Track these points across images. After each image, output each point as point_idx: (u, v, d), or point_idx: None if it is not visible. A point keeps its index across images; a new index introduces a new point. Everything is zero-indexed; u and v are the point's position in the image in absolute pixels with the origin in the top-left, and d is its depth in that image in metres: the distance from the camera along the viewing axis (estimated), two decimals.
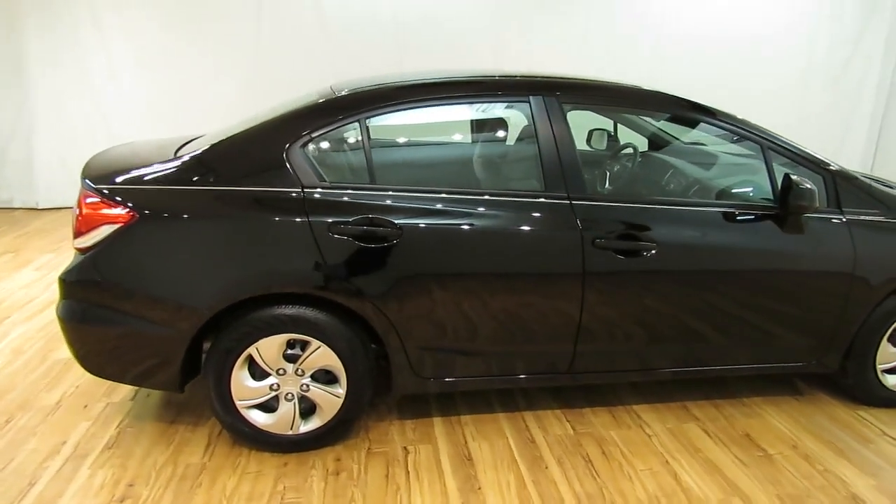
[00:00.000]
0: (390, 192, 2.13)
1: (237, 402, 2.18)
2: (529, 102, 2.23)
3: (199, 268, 2.04)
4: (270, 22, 5.83)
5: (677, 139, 3.10)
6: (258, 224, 2.05)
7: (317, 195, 2.08)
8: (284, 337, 2.13)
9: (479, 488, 2.13)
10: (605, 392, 2.71)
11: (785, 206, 2.25)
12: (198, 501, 2.04)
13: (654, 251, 2.22)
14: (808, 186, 2.16)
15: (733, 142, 2.50)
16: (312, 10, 5.88)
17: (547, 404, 2.64)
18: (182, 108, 5.87)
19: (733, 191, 2.58)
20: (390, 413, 2.55)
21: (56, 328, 3.21)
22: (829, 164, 2.40)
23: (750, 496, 2.12)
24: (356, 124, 2.17)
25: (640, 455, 2.33)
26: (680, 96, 2.37)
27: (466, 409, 2.59)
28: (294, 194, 2.07)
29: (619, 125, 3.10)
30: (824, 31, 6.71)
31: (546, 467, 2.25)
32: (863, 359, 2.55)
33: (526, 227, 2.18)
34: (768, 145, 2.35)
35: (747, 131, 2.36)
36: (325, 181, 2.12)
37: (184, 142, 2.52)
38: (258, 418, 2.22)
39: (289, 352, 2.17)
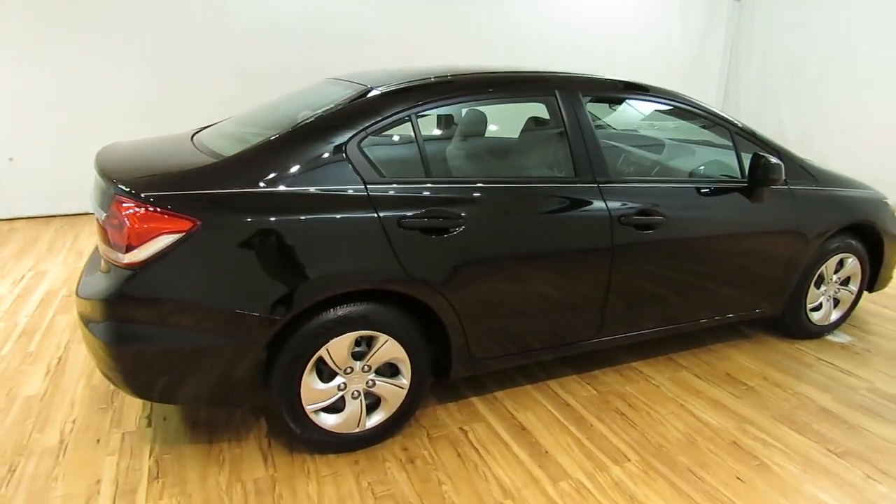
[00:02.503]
0: (447, 185, 2.22)
1: (307, 407, 2.13)
2: (556, 97, 2.44)
3: (270, 273, 1.95)
4: (167, 19, 5.34)
5: (605, 123, 3.47)
6: (330, 223, 2.01)
7: (380, 191, 2.10)
8: (354, 335, 2.12)
9: (546, 452, 2.32)
10: (605, 355, 3.03)
11: (754, 179, 2.72)
12: None
13: (662, 223, 2.56)
14: (777, 162, 2.64)
15: (706, 128, 2.93)
16: (214, 4, 5.49)
17: (563, 372, 2.89)
18: (63, 109, 5.19)
19: (700, 169, 3.02)
20: (430, 400, 2.63)
21: (2, 364, 2.81)
22: (777, 145, 2.93)
23: (753, 420, 2.56)
24: (407, 119, 2.21)
25: (659, 402, 2.68)
26: (670, 90, 2.73)
27: (496, 386, 2.75)
28: (360, 191, 2.07)
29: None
30: (678, 34, 7.80)
31: (591, 425, 2.50)
32: (797, 301, 3.15)
33: (565, 209, 2.39)
34: (735, 130, 2.80)
35: (719, 120, 2.79)
36: (385, 176, 2.14)
37: (191, 136, 2.37)
38: (327, 420, 2.19)
39: (355, 349, 2.17)
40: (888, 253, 3.32)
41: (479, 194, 2.24)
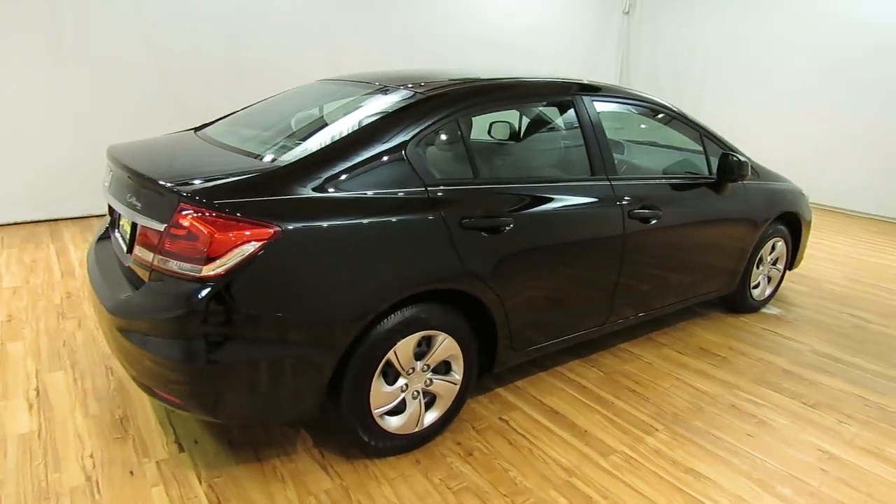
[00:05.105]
0: (496, 186, 2.31)
1: (374, 412, 2.12)
2: (574, 102, 2.63)
3: (349, 277, 1.92)
4: (79, 16, 4.78)
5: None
6: (402, 225, 2.03)
7: (440, 192, 2.15)
8: (419, 335, 2.15)
9: (586, 431, 2.50)
10: (596, 340, 3.29)
11: (723, 175, 3.11)
12: None
13: (659, 216, 2.85)
14: (745, 160, 3.05)
15: (677, 130, 3.27)
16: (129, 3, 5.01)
17: (566, 359, 3.10)
18: None
19: (673, 166, 3.38)
20: None
21: None
22: (732, 146, 3.36)
23: (738, 384, 2.95)
24: (454, 122, 2.27)
25: (657, 377, 2.98)
26: (658, 99, 3.03)
27: (515, 377, 2.89)
28: (422, 193, 2.10)
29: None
30: (574, 44, 8.42)
31: (612, 403, 2.73)
32: (744, 280, 3.64)
33: (588, 205, 2.58)
34: (704, 133, 3.18)
35: (692, 124, 3.15)
36: (438, 178, 2.18)
37: (199, 138, 2.26)
38: (391, 423, 2.19)
39: (416, 349, 2.20)
40: (804, 237, 3.94)
41: (521, 193, 2.37)
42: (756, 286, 3.78)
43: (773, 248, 3.76)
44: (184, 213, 1.78)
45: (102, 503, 1.96)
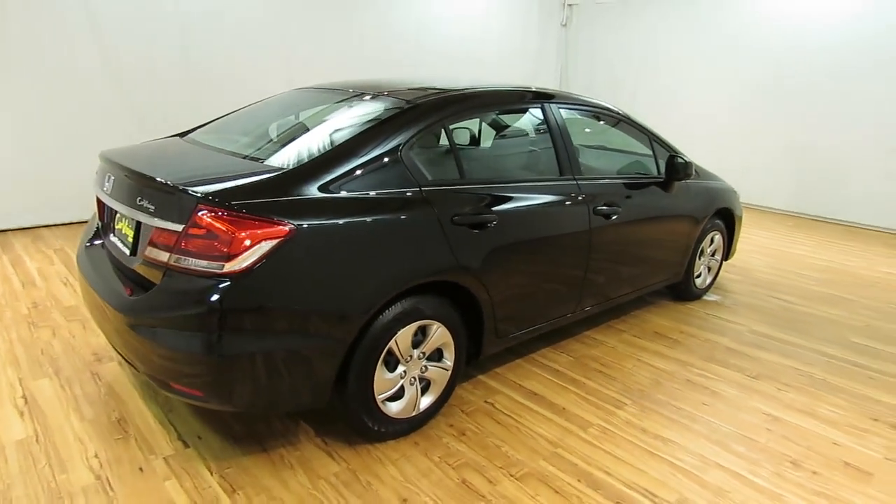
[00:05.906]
0: (480, 186, 2.52)
1: (378, 398, 2.27)
2: (543, 108, 2.88)
3: (358, 271, 2.07)
4: (17, 16, 4.63)
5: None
6: (400, 223, 2.19)
7: (432, 192, 2.33)
8: (417, 324, 2.32)
9: (564, 409, 2.74)
10: (564, 328, 3.55)
11: (671, 175, 3.46)
12: (386, 494, 2.12)
13: (619, 213, 3.14)
14: (690, 161, 3.40)
15: (627, 133, 3.59)
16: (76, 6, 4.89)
17: (539, 346, 3.34)
18: None
19: (625, 167, 3.70)
20: None
21: None
22: (675, 148, 3.72)
23: (691, 362, 3.28)
24: (441, 127, 2.46)
25: (620, 359, 3.27)
26: (610, 105, 3.34)
27: (492, 364, 3.10)
28: (417, 193, 2.28)
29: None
30: (521, 50, 8.80)
31: (584, 383, 2.98)
32: (689, 270, 4.02)
33: (560, 203, 2.83)
34: (653, 138, 3.52)
35: (641, 130, 3.48)
36: (430, 179, 2.37)
37: (189, 143, 2.36)
38: (392, 408, 2.35)
39: (413, 338, 2.36)
40: (737, 230, 4.38)
41: (505, 193, 2.58)
42: (699, 276, 4.17)
43: (712, 240, 4.17)
44: (201, 213, 1.88)
45: (118, 499, 2.01)
